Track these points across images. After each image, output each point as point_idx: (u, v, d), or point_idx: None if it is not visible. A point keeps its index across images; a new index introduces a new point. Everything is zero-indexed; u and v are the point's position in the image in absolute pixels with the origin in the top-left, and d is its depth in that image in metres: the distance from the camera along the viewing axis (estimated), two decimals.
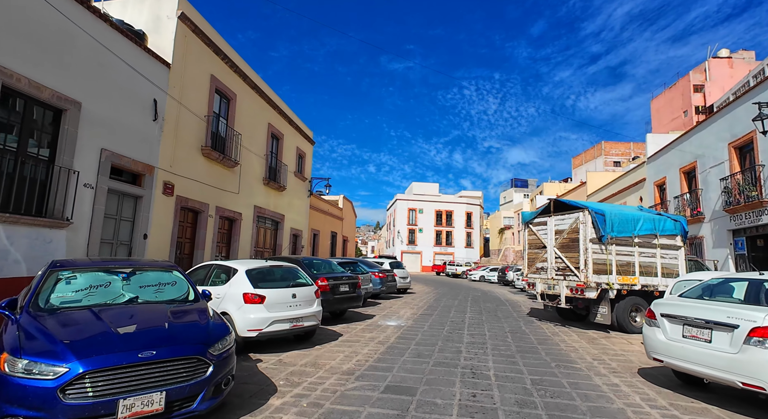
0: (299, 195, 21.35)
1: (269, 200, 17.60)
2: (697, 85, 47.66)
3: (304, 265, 9.69)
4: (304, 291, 7.12)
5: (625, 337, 8.89)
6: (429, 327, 9.56)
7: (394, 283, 15.98)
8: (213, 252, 13.25)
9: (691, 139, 16.72)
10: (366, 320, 10.32)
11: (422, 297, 17.10)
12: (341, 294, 9.64)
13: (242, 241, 15.17)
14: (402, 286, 18.38)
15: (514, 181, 77.54)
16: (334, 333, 8.42)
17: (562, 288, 9.86)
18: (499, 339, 8.23)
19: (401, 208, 59.56)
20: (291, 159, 20.15)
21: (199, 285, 7.23)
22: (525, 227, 11.55)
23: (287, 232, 19.65)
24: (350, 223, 33.77)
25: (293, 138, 20.46)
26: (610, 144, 56.06)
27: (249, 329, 6.26)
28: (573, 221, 9.74)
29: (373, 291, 14.59)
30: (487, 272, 37.99)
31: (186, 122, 11.68)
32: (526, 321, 11.03)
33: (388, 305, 13.75)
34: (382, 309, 12.65)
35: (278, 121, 18.43)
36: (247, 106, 15.48)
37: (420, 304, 14.30)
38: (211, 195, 13.10)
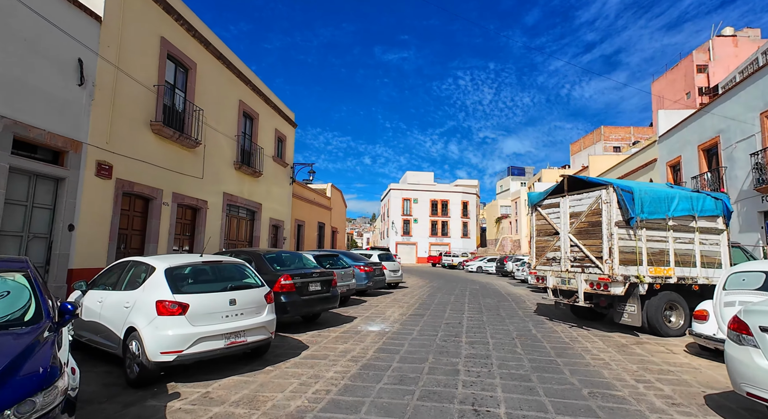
0: (279, 182, 19.48)
1: (242, 187, 15.74)
2: (701, 65, 45.87)
3: (264, 260, 7.91)
4: (248, 296, 5.34)
5: (661, 342, 7.20)
6: (419, 332, 7.83)
7: (382, 278, 14.26)
8: (170, 246, 11.42)
9: (713, 112, 14.97)
10: (344, 324, 8.57)
11: (415, 293, 15.39)
12: (311, 294, 7.87)
13: (209, 233, 13.34)
14: (392, 280, 16.67)
15: (511, 169, 75.82)
16: (299, 345, 6.67)
17: (579, 283, 8.14)
18: (506, 350, 6.51)
19: (395, 197, 57.76)
20: (269, 142, 18.24)
21: (110, 290, 5.44)
22: (532, 210, 9.80)
23: (266, 223, 17.82)
24: (340, 213, 31.97)
25: (271, 119, 18.52)
26: (610, 128, 54.34)
27: (163, 351, 4.47)
28: (593, 201, 7.99)
29: (358, 287, 12.86)
30: (485, 263, 36.42)
31: (128, 91, 9.76)
32: (534, 321, 9.33)
33: (375, 303, 12.03)
34: (366, 308, 10.92)
35: (251, 99, 16.49)
36: (212, 78, 13.53)
37: (411, 301, 12.58)
38: (167, 179, 11.23)
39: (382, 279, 14.25)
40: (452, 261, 44.00)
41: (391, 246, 55.95)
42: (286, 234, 20.35)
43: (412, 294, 14.94)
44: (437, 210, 58.49)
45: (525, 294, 15.55)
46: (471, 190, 61.60)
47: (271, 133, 18.52)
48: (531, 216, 9.86)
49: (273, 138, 18.76)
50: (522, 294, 15.50)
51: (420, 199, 58.28)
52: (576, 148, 59.87)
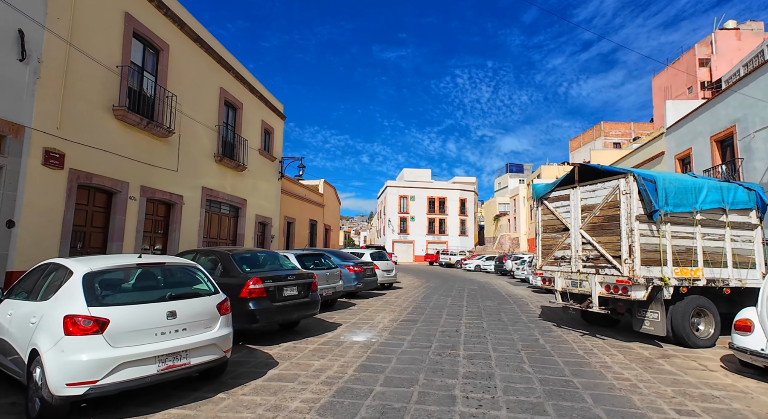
0: (266, 177, 18.41)
1: (224, 181, 14.67)
2: (703, 59, 44.97)
3: (232, 261, 6.87)
4: (194, 306, 4.31)
5: (690, 355, 6.21)
6: (410, 343, 6.81)
7: (374, 278, 13.24)
8: (139, 245, 10.36)
9: (727, 100, 13.99)
10: (326, 333, 7.55)
11: (409, 294, 14.38)
12: (286, 299, 6.83)
13: (185, 231, 12.28)
14: (386, 281, 15.66)
15: (509, 166, 74.82)
16: (267, 361, 5.65)
17: (593, 286, 7.13)
18: (512, 367, 5.50)
19: (392, 195, 56.74)
20: (254, 134, 17.16)
21: (23, 300, 4.39)
22: (538, 204, 8.79)
23: (251, 220, 16.77)
24: (333, 210, 30.92)
25: (257, 110, 17.44)
26: (610, 124, 53.42)
27: (70, 383, 3.43)
28: (610, 192, 6.98)
29: (346, 289, 11.84)
30: (483, 261, 35.47)
31: (84, 71, 8.68)
32: (541, 328, 8.32)
33: (364, 307, 11.00)
34: (354, 313, 9.89)
35: (234, 87, 15.40)
36: (188, 62, 12.45)
37: (404, 305, 11.56)
38: (134, 171, 10.17)
39: (374, 280, 13.23)
40: (450, 259, 43.05)
41: (388, 244, 54.97)
42: (275, 232, 19.30)
43: (406, 295, 13.93)
44: (434, 207, 57.51)
45: (527, 296, 14.57)
46: (469, 187, 60.64)
47: (257, 125, 17.44)
48: (536, 210, 8.85)
49: (259, 130, 17.68)
50: (524, 296, 14.51)
51: (417, 196, 57.28)
52: (575, 145, 58.98)
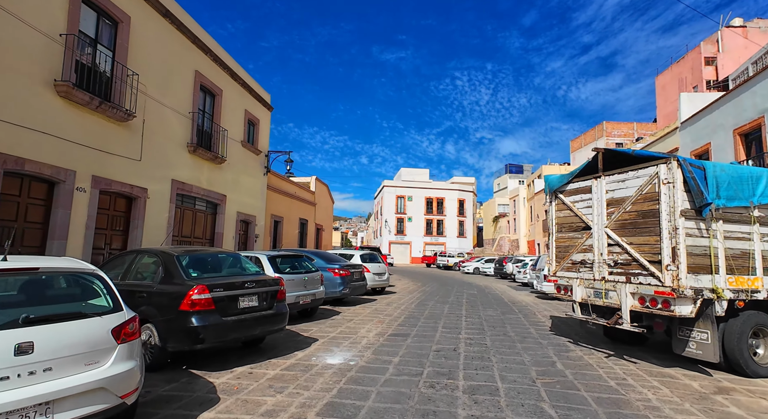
0: (250, 171, 17.04)
1: (200, 174, 13.30)
2: (709, 58, 43.82)
3: (177, 263, 5.50)
4: (67, 334, 2.92)
5: (754, 389, 4.87)
6: (397, 369, 5.46)
7: (362, 283, 11.86)
8: (89, 244, 8.98)
9: (755, 89, 12.70)
10: (295, 352, 6.19)
11: (402, 300, 13.02)
12: (243, 312, 5.47)
13: (151, 228, 10.91)
14: (377, 285, 14.30)
15: (509, 166, 73.57)
16: (206, 397, 4.27)
17: (623, 297, 5.79)
18: (528, 409, 4.15)
19: (389, 195, 55.42)
20: (236, 124, 15.79)
21: None
22: (551, 198, 7.46)
23: (231, 218, 15.39)
24: (326, 210, 29.54)
25: (239, 98, 16.08)
26: (612, 124, 52.23)
27: None
28: (646, 182, 5.64)
29: (330, 296, 10.49)
30: (482, 264, 34.15)
31: (10, 36, 7.32)
32: (555, 346, 6.97)
33: (350, 316, 9.64)
34: (336, 324, 8.53)
35: (212, 72, 14.03)
36: (155, 39, 11.08)
37: (395, 313, 10.20)
38: (83, 158, 8.80)
39: (363, 285, 11.86)
40: (447, 261, 41.71)
41: (384, 245, 53.63)
42: (259, 231, 17.93)
43: (399, 302, 12.56)
44: (432, 208, 56.21)
45: (532, 303, 13.23)
46: (468, 187, 59.37)
47: (239, 114, 16.08)
48: (549, 206, 7.51)
49: (242, 120, 16.32)
50: (528, 303, 13.17)
51: (414, 196, 55.98)
52: (576, 145, 57.72)
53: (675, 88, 47.67)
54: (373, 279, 13.90)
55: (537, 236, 41.75)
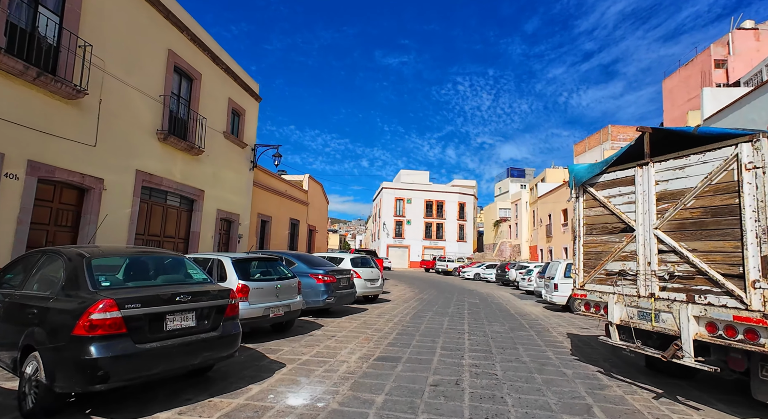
0: (234, 165, 15.63)
1: (172, 166, 11.89)
2: (719, 60, 42.58)
3: (85, 269, 4.05)
4: None
5: None
6: (379, 415, 4.01)
7: (351, 291, 10.40)
8: (21, 241, 7.54)
9: None
10: (250, 385, 4.74)
11: (396, 311, 11.57)
12: (172, 336, 4.02)
13: (108, 225, 9.47)
14: (369, 292, 12.84)
15: (510, 170, 72.19)
16: None
17: (684, 322, 4.35)
18: None
19: (387, 197, 54.03)
20: (218, 114, 14.40)
21: None
22: (578, 193, 6.03)
23: (210, 215, 13.96)
24: (320, 210, 28.11)
25: (221, 85, 14.69)
26: (618, 128, 50.91)
27: None
28: (719, 168, 4.22)
29: (311, 306, 9.07)
30: (483, 269, 32.71)
31: None
32: (584, 378, 5.51)
33: (332, 330, 8.18)
34: (313, 342, 7.08)
35: (190, 53, 12.64)
36: (117, 8, 9.70)
37: (387, 328, 8.75)
38: (15, 139, 7.39)
39: (351, 293, 10.40)
40: (447, 266, 40.27)
41: (382, 248, 52.19)
42: (243, 230, 16.49)
43: (392, 313, 11.11)
44: (432, 211, 54.81)
45: (541, 315, 11.78)
46: (468, 191, 58.01)
47: (221, 103, 14.68)
48: (575, 202, 6.09)
49: (225, 109, 14.92)
50: (538, 316, 11.72)
51: (414, 199, 54.60)
52: (580, 149, 56.35)
53: (683, 91, 46.42)
54: (364, 286, 12.45)
55: (540, 241, 40.33)
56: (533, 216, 46.25)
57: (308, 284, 9.37)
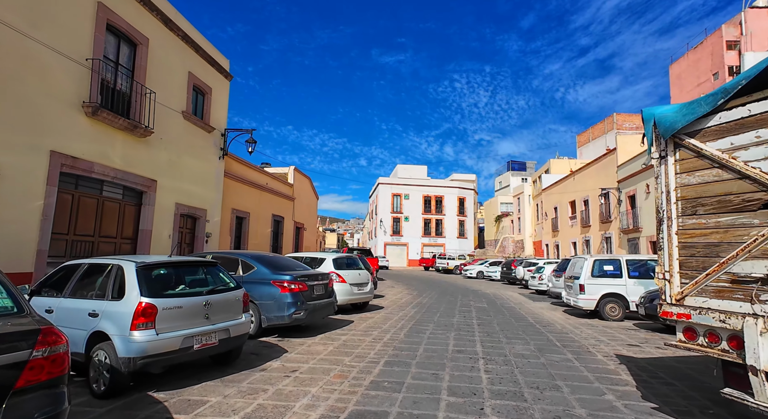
0: (198, 152, 13.33)
1: (109, 148, 9.60)
2: (731, 41, 40.35)
3: None
4: None
5: None
6: None
7: (329, 300, 8.11)
8: None
9: None
10: None
11: (388, 323, 9.32)
12: None
13: (5, 222, 7.19)
14: (356, 300, 10.60)
15: (511, 163, 69.94)
16: None
17: None
18: None
19: (384, 193, 51.75)
20: (174, 89, 12.10)
21: None
22: (667, 150, 3.78)
23: (167, 211, 11.68)
24: (308, 206, 25.81)
25: (180, 56, 12.38)
26: (623, 116, 48.69)
27: None
28: None
29: (271, 323, 6.85)
30: (487, 267, 30.52)
31: None
32: None
33: (297, 360, 5.91)
34: (259, 385, 4.81)
35: (130, 10, 10.33)
36: None
37: (372, 354, 6.49)
38: None
39: (329, 304, 8.11)
40: (447, 264, 38.07)
41: (380, 247, 49.97)
42: (212, 228, 14.20)
43: (383, 326, 8.85)
44: (431, 207, 52.55)
45: (566, 324, 9.55)
46: (468, 185, 55.79)
47: (179, 77, 12.37)
48: (660, 165, 3.85)
49: (185, 85, 12.62)
50: (563, 325, 9.48)
51: (412, 194, 52.32)
52: (583, 140, 54.11)
53: (692, 76, 44.20)
54: (349, 292, 10.20)
55: (545, 236, 38.14)
56: (537, 210, 44.05)
57: (270, 294, 7.12)
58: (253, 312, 7.14)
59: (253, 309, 7.15)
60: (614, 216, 24.65)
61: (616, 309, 10.50)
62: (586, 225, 28.60)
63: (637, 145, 24.36)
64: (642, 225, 21.16)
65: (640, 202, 21.45)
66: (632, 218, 22.27)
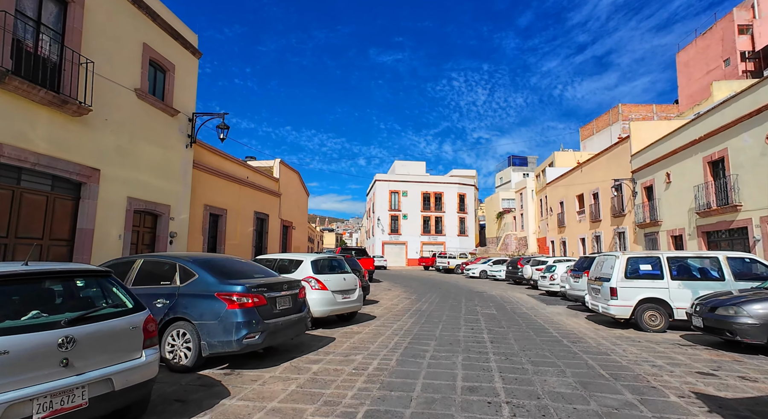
0: (158, 139, 11.44)
1: (28, 128, 7.72)
2: (743, 26, 38.46)
3: None
4: None
5: None
6: None
7: (299, 316, 6.19)
8: None
9: None
10: None
11: (378, 341, 7.44)
12: None
13: None
14: (339, 311, 8.71)
15: (512, 158, 67.99)
16: None
17: None
18: None
19: (381, 190, 49.87)
20: (122, 62, 10.21)
21: None
22: None
23: (116, 207, 9.80)
24: (297, 203, 23.88)
25: (131, 24, 10.48)
26: (629, 106, 46.77)
27: None
28: None
29: (216, 351, 4.99)
30: (490, 266, 28.71)
31: None
32: None
33: (236, 408, 4.03)
34: None
35: None
36: None
37: (350, 397, 4.61)
38: None
39: (299, 321, 6.19)
40: (448, 263, 36.24)
41: (377, 246, 48.12)
42: (179, 227, 12.32)
43: (372, 346, 6.97)
44: (430, 204, 50.67)
45: (600, 338, 7.67)
46: (468, 180, 53.90)
47: (130, 48, 10.48)
48: None
49: (138, 58, 10.72)
50: (596, 340, 7.61)
51: (410, 191, 50.44)
52: (587, 133, 52.17)
53: (701, 63, 42.31)
54: (331, 301, 8.32)
55: (551, 232, 36.29)
56: (541, 205, 42.19)
57: (213, 311, 5.25)
58: (190, 337, 5.27)
59: (190, 332, 5.27)
60: (628, 209, 22.79)
61: (656, 318, 8.64)
62: (596, 219, 26.75)
63: (652, 131, 22.49)
64: (661, 219, 19.30)
65: (659, 192, 19.59)
66: (649, 211, 20.42)
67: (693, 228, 16.95)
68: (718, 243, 15.68)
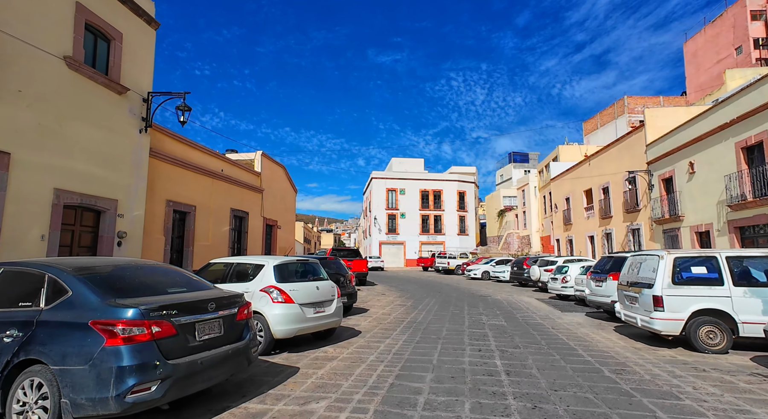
0: (100, 120, 9.54)
1: None
2: (756, 11, 36.62)
3: None
4: None
5: None
6: None
7: (234, 348, 4.35)
8: None
9: None
10: None
11: (356, 369, 5.54)
12: None
13: None
14: (308, 330, 6.81)
15: (513, 155, 66.14)
16: None
17: None
18: None
19: (378, 188, 47.98)
20: (47, 23, 8.30)
21: None
22: None
23: (35, 201, 7.89)
24: (283, 200, 21.94)
25: None
26: (635, 99, 44.87)
27: None
28: None
29: (83, 414, 3.01)
30: (493, 266, 26.82)
31: None
32: None
33: None
34: None
35: None
36: None
37: None
38: None
39: (234, 354, 4.31)
40: (448, 264, 34.35)
41: (374, 246, 46.24)
42: (130, 226, 10.40)
43: (345, 379, 5.07)
44: (428, 202, 48.79)
45: (645, 362, 5.79)
46: (468, 178, 52.01)
47: (58, 7, 8.58)
48: None
49: (70, 20, 8.83)
50: (641, 363, 5.72)
51: (408, 189, 48.56)
52: (590, 127, 50.30)
53: (711, 52, 40.43)
54: (299, 318, 6.42)
55: (556, 230, 34.41)
56: (544, 202, 40.33)
57: (83, 351, 3.36)
58: (48, 391, 3.37)
59: (48, 383, 3.38)
60: (644, 203, 20.92)
61: (716, 335, 6.75)
62: (607, 216, 24.87)
63: (670, 118, 20.59)
64: (683, 213, 17.44)
65: (680, 185, 17.72)
66: (668, 205, 18.56)
67: (723, 223, 15.08)
68: (755, 240, 13.81)
